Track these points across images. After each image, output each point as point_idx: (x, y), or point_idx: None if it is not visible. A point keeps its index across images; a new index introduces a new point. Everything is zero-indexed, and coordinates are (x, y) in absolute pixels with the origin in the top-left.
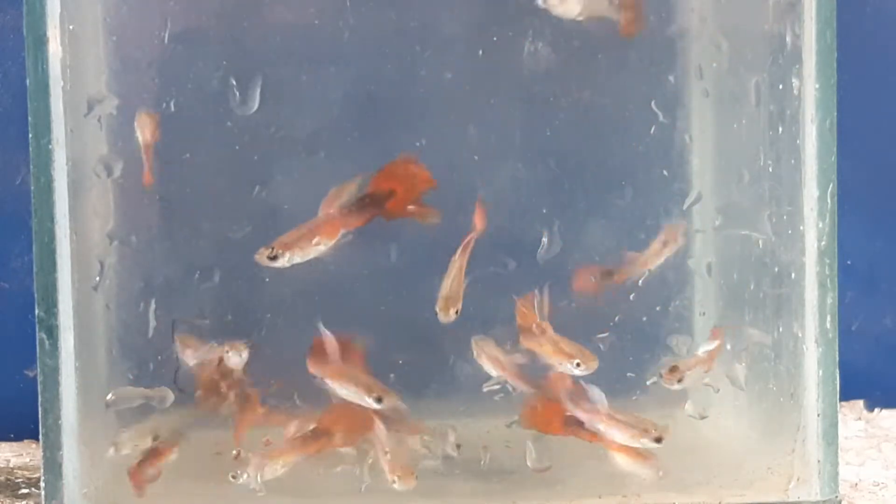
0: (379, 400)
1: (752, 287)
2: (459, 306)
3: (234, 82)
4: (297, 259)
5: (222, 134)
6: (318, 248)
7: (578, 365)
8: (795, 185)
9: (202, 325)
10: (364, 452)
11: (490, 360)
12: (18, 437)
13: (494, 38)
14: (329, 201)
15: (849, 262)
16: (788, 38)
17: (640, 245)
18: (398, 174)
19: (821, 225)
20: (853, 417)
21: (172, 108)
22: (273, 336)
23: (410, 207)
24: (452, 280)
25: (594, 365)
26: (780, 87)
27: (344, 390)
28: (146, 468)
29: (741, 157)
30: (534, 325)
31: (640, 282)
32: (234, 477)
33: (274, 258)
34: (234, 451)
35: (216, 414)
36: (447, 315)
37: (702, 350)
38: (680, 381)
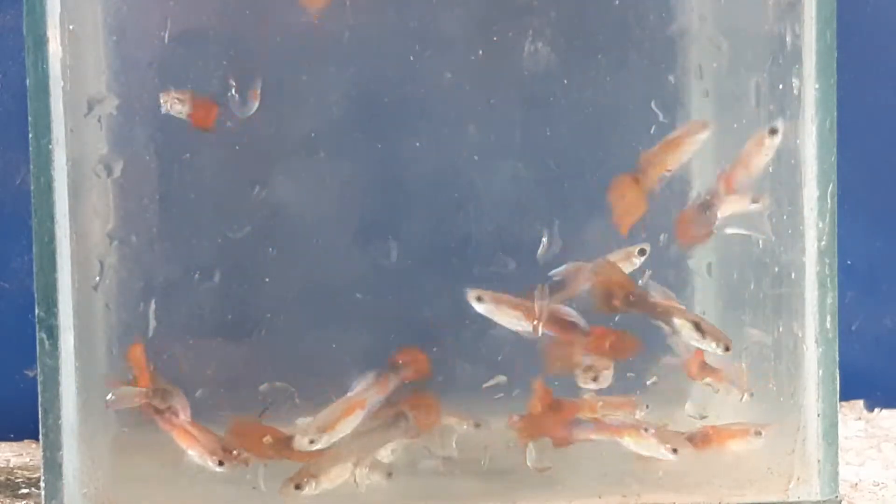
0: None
1: (752, 287)
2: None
3: (234, 82)
4: None
5: (222, 134)
6: None
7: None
8: (795, 185)
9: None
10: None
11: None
12: (18, 437)
13: (494, 38)
14: None
15: (849, 262)
16: (788, 38)
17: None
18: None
19: (821, 225)
20: (853, 417)
21: None
22: (273, 336)
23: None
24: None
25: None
26: (780, 87)
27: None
28: None
29: None
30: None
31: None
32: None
33: None
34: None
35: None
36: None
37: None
38: (595, 379)
